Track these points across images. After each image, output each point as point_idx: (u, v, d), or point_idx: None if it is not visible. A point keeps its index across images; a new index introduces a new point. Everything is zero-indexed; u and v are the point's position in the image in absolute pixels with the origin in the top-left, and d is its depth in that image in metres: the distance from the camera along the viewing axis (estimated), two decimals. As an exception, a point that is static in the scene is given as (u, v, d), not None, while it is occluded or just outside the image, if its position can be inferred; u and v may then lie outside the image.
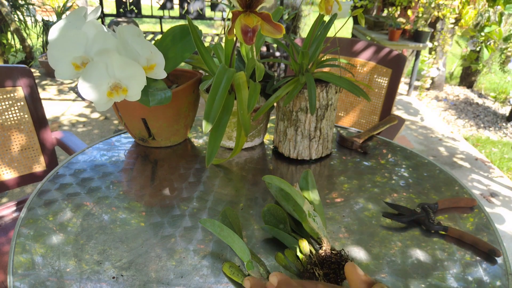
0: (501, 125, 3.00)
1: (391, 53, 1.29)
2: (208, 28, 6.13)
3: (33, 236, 0.58)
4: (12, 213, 1.02)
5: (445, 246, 0.59)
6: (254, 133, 0.85)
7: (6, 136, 1.03)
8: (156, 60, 0.66)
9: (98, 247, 0.56)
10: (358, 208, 0.67)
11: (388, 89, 1.30)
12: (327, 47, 1.26)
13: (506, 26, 3.02)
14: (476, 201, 0.69)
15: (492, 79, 4.05)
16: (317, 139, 0.80)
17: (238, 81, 0.71)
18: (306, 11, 4.51)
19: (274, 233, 0.58)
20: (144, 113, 0.78)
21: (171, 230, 0.60)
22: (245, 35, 0.57)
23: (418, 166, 0.82)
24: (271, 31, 0.59)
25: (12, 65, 1.01)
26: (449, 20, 2.99)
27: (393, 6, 3.57)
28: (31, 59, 3.59)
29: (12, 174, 1.06)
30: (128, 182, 0.73)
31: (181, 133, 0.86)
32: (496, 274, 0.54)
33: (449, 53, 4.24)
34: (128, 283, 0.50)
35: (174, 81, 0.89)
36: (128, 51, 0.63)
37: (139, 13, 3.32)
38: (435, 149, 2.55)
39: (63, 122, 2.61)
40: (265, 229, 0.60)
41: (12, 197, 1.82)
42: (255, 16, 0.57)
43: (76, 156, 0.81)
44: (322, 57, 0.79)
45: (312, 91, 0.70)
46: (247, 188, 0.72)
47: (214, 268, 0.53)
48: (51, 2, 4.18)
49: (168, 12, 3.54)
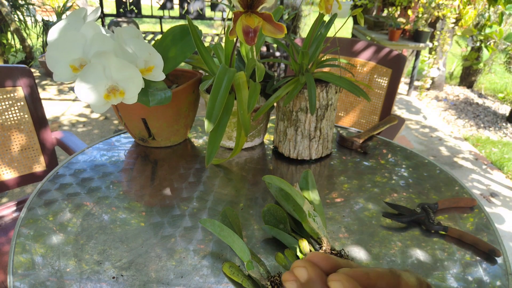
0: (501, 125, 3.00)
1: (391, 53, 1.29)
2: (208, 28, 6.13)
3: (33, 236, 0.58)
4: (12, 213, 1.02)
5: (445, 246, 0.59)
6: (254, 133, 0.85)
7: (6, 136, 1.03)
8: (154, 62, 0.66)
9: (98, 247, 0.56)
10: (358, 208, 0.67)
11: (388, 89, 1.30)
12: (327, 47, 1.26)
13: (506, 26, 3.02)
14: (476, 201, 0.69)
15: (492, 79, 4.05)
16: (317, 139, 0.80)
17: (238, 81, 0.71)
18: (306, 11, 4.51)
19: (274, 233, 0.58)
20: (144, 113, 0.78)
21: (171, 230, 0.60)
22: (247, 36, 0.57)
23: (418, 166, 0.82)
24: (273, 31, 0.59)
25: (12, 65, 1.01)
26: (449, 20, 2.99)
27: (393, 6, 3.58)
28: (31, 59, 3.59)
29: (12, 174, 1.06)
30: (128, 182, 0.73)
31: (181, 133, 0.86)
32: (496, 274, 0.54)
33: (449, 53, 4.24)
34: (128, 283, 0.50)
35: (174, 81, 0.89)
36: (125, 53, 0.63)
37: (139, 13, 3.33)
38: (435, 149, 2.55)
39: (63, 122, 2.61)
40: (265, 229, 0.60)
41: (12, 197, 1.82)
42: (256, 16, 0.57)
43: (76, 156, 0.81)
44: (322, 57, 0.79)
45: (312, 91, 0.70)
46: (247, 188, 0.72)
47: (214, 268, 0.53)
48: (51, 2, 4.18)
49: (168, 12, 3.54)
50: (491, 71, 3.53)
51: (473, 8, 2.92)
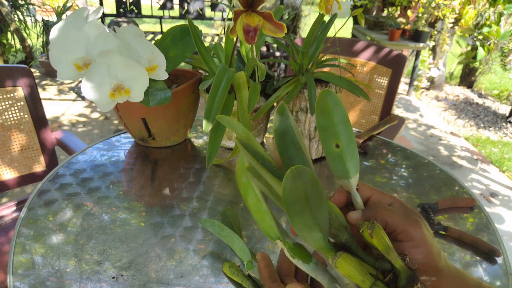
0: (501, 125, 3.00)
1: (391, 53, 1.29)
2: (208, 28, 6.13)
3: (33, 236, 0.58)
4: (12, 213, 1.02)
5: (445, 246, 0.59)
6: (254, 133, 0.85)
7: (6, 136, 1.03)
8: (157, 61, 0.66)
9: (98, 247, 0.56)
10: (358, 208, 0.67)
11: (388, 89, 1.30)
12: (327, 47, 1.26)
13: (506, 26, 3.02)
14: (476, 201, 0.69)
15: (492, 79, 4.05)
16: (317, 139, 0.80)
17: (238, 81, 0.71)
18: (306, 11, 4.50)
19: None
20: (144, 113, 0.78)
21: (171, 230, 0.60)
22: (247, 35, 0.57)
23: (418, 166, 0.82)
24: (273, 30, 0.59)
25: (12, 65, 1.01)
26: (448, 19, 2.99)
27: (393, 6, 3.58)
28: (31, 59, 3.59)
29: (12, 174, 1.06)
30: (128, 182, 0.73)
31: (181, 133, 0.86)
32: (496, 274, 0.54)
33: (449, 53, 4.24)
34: (128, 283, 0.50)
35: (174, 81, 0.89)
36: (129, 52, 0.63)
37: (139, 13, 3.32)
38: (435, 149, 2.55)
39: (63, 122, 2.61)
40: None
41: (12, 197, 1.82)
42: (256, 15, 0.57)
43: (76, 156, 0.81)
44: (322, 57, 0.79)
45: (312, 91, 0.70)
46: (247, 188, 0.72)
47: (214, 268, 0.53)
48: (51, 2, 4.18)
49: (168, 12, 3.54)
50: (491, 71, 3.53)
51: (473, 8, 2.92)
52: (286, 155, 0.38)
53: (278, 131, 0.39)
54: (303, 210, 0.31)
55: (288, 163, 0.38)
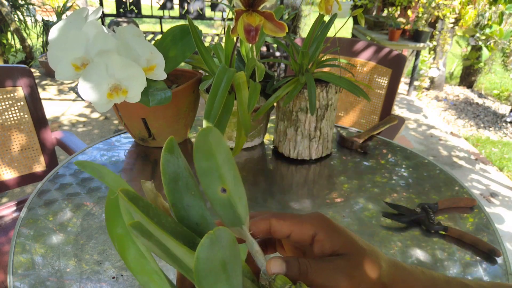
0: (501, 125, 3.00)
1: (391, 53, 1.29)
2: (208, 28, 6.13)
3: (33, 236, 0.58)
4: (12, 213, 1.02)
5: (445, 246, 0.59)
6: (254, 133, 0.85)
7: (6, 136, 1.03)
8: (156, 61, 0.66)
9: (98, 247, 0.56)
10: (358, 208, 0.67)
11: (388, 89, 1.30)
12: (327, 47, 1.26)
13: (506, 26, 3.02)
14: (476, 201, 0.69)
15: (492, 79, 4.05)
16: (317, 139, 0.80)
17: (238, 81, 0.71)
18: (306, 11, 4.50)
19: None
20: (144, 113, 0.78)
21: (171, 230, 0.60)
22: (248, 34, 0.57)
23: (418, 166, 0.82)
24: (274, 29, 0.59)
25: (12, 65, 1.01)
26: (448, 19, 2.99)
27: (393, 6, 3.58)
28: (31, 59, 3.59)
29: (12, 174, 1.06)
30: (128, 182, 0.73)
31: (181, 133, 0.86)
32: (496, 274, 0.54)
33: (449, 53, 4.24)
34: (128, 283, 0.50)
35: (174, 81, 0.89)
36: (128, 52, 0.63)
37: (139, 13, 3.32)
38: (435, 149, 2.55)
39: (63, 122, 2.61)
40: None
41: (12, 197, 1.82)
42: (257, 15, 0.57)
43: (76, 156, 0.81)
44: (322, 57, 0.79)
45: (312, 91, 0.70)
46: (247, 188, 0.72)
47: (214, 268, 0.53)
48: (51, 2, 4.18)
49: (168, 12, 3.54)
50: (491, 71, 3.53)
51: (473, 8, 2.92)
52: (181, 206, 0.32)
53: (169, 175, 0.32)
54: (218, 280, 0.26)
55: (183, 214, 0.32)
